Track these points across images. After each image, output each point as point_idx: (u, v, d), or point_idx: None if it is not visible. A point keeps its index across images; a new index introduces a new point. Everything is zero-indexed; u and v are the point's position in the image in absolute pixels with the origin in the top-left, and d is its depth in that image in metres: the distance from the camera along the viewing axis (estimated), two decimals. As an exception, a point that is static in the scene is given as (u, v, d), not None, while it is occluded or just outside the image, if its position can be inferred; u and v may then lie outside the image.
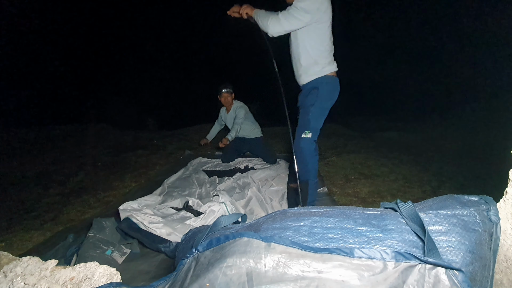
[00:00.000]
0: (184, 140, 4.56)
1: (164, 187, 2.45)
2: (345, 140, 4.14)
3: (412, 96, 7.71)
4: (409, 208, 0.68)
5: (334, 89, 1.88)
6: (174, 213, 1.89)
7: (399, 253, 0.55)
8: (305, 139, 1.83)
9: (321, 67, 1.81)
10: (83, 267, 0.83)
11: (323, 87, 1.83)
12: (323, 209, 0.78)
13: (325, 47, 1.80)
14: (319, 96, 1.82)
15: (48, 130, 5.15)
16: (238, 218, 0.92)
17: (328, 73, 1.83)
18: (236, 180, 2.58)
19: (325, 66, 1.82)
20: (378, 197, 2.33)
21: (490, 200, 0.65)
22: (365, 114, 6.91)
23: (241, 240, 0.67)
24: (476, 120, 4.93)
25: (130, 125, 6.16)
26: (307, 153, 1.85)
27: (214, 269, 0.61)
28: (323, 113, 1.87)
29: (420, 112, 6.48)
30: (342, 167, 3.01)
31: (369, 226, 0.66)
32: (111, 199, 2.55)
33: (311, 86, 1.86)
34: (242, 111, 3.20)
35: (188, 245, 0.92)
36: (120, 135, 5.15)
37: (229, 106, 3.29)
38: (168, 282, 0.70)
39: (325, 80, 1.83)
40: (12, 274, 0.82)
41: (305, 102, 1.87)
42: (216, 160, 3.29)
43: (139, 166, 3.39)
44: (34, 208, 2.53)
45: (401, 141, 4.19)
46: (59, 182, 3.09)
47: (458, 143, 3.98)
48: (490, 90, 5.67)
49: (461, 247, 0.57)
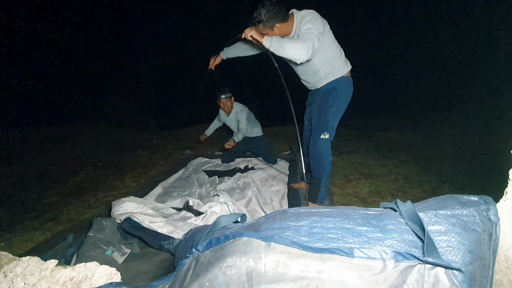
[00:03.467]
0: (184, 140, 4.56)
1: (160, 187, 2.46)
2: (345, 140, 4.15)
3: (412, 96, 7.71)
4: (409, 208, 0.68)
5: (351, 88, 1.94)
6: (174, 213, 1.89)
7: (398, 253, 0.56)
8: (323, 140, 1.88)
9: (338, 68, 1.86)
10: (83, 267, 0.83)
11: (341, 88, 1.88)
12: (323, 209, 0.78)
13: (335, 50, 1.85)
14: (338, 96, 1.87)
15: (48, 130, 5.16)
16: (238, 218, 0.92)
17: (344, 73, 1.89)
18: (236, 180, 2.58)
19: (342, 67, 1.87)
20: (378, 197, 2.33)
21: (490, 200, 0.65)
22: (365, 114, 6.91)
23: (241, 239, 0.67)
24: (476, 120, 4.93)
25: (130, 125, 6.16)
26: (324, 153, 1.90)
27: (214, 269, 0.62)
28: (340, 112, 1.93)
29: (420, 112, 6.48)
30: (342, 167, 3.01)
31: (368, 226, 0.66)
32: (111, 199, 2.54)
33: (329, 87, 1.90)
34: (243, 116, 3.10)
35: (188, 245, 0.92)
36: (120, 135, 5.15)
37: (229, 110, 3.17)
38: (168, 282, 0.71)
39: (343, 81, 1.88)
40: (12, 274, 0.82)
41: (324, 103, 1.90)
42: (216, 160, 3.29)
43: (139, 166, 3.39)
44: (34, 208, 2.53)
45: (401, 141, 4.19)
46: (59, 182, 3.09)
47: (458, 143, 3.98)
48: (490, 90, 5.67)
49: (461, 247, 0.57)
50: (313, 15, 1.72)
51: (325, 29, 1.74)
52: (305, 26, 1.67)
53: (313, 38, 1.63)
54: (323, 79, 1.91)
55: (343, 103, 1.92)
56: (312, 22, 1.68)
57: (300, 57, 1.62)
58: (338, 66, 1.87)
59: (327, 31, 1.76)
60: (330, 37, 1.80)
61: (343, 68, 1.88)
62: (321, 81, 1.93)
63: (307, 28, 1.66)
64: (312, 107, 2.08)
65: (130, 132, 5.41)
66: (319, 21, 1.71)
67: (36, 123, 5.55)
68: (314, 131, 1.95)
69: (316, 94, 2.00)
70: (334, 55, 1.84)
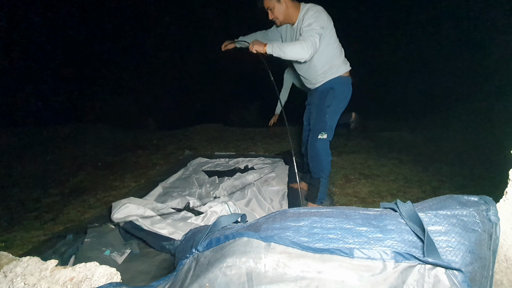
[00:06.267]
0: (184, 140, 4.56)
1: (160, 188, 2.45)
2: (345, 140, 4.15)
3: (412, 96, 7.71)
4: (409, 208, 0.68)
5: (349, 88, 1.94)
6: (174, 213, 1.89)
7: (398, 254, 0.56)
8: (321, 140, 1.89)
9: (336, 68, 1.87)
10: (83, 267, 0.83)
11: (339, 88, 1.89)
12: (323, 209, 0.78)
13: (336, 49, 1.85)
14: (335, 96, 1.88)
15: (48, 130, 5.16)
16: (238, 218, 0.92)
17: (343, 73, 1.89)
18: (236, 180, 2.58)
19: (340, 66, 1.88)
20: (378, 197, 2.33)
21: (490, 200, 0.65)
22: (365, 114, 6.90)
23: (241, 240, 0.67)
24: (476, 120, 4.93)
25: (130, 125, 6.16)
26: (323, 153, 1.90)
27: (214, 269, 0.61)
28: (338, 112, 1.93)
29: (420, 112, 6.48)
30: (342, 167, 3.01)
31: (368, 226, 0.66)
32: (111, 199, 2.54)
33: (327, 86, 1.91)
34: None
35: (188, 245, 0.92)
36: (120, 135, 5.15)
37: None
38: (168, 282, 0.70)
39: (341, 80, 1.89)
40: (12, 274, 0.82)
41: (321, 103, 1.91)
42: (216, 160, 3.29)
43: (139, 166, 3.39)
44: (34, 208, 2.53)
45: (401, 141, 4.19)
46: (59, 182, 3.09)
47: (458, 143, 3.98)
48: (490, 90, 5.67)
49: (461, 247, 0.57)
50: (317, 9, 1.73)
51: (328, 25, 1.75)
52: (307, 21, 1.69)
53: (314, 34, 1.64)
54: (321, 77, 1.91)
55: (341, 103, 1.92)
56: (315, 17, 1.69)
57: (302, 56, 1.67)
58: (336, 65, 1.87)
59: (329, 28, 1.77)
60: (332, 34, 1.81)
61: (342, 67, 1.88)
62: (319, 79, 1.93)
63: (309, 23, 1.68)
64: (310, 107, 2.09)
65: (130, 132, 5.41)
66: (322, 16, 1.72)
67: (36, 123, 5.55)
68: (312, 131, 1.96)
69: (315, 94, 2.01)
70: (333, 54, 1.84)
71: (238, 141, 4.22)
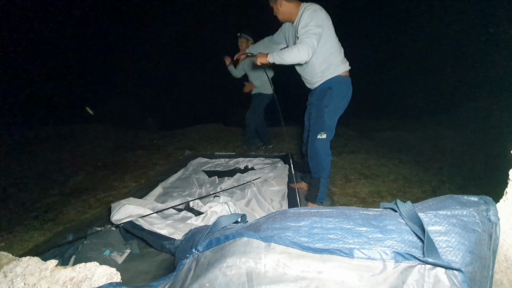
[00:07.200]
0: (184, 140, 4.56)
1: (160, 188, 2.45)
2: (345, 140, 4.14)
3: (412, 96, 7.70)
4: (409, 208, 0.68)
5: (348, 88, 1.93)
6: (175, 213, 1.89)
7: (398, 254, 0.56)
8: (321, 140, 1.89)
9: (335, 67, 1.87)
10: (83, 267, 0.83)
11: (337, 87, 1.88)
12: (323, 210, 0.78)
13: (334, 48, 1.85)
14: (333, 96, 1.87)
15: (48, 130, 5.16)
16: (238, 218, 0.92)
17: (341, 73, 1.89)
18: (236, 180, 2.58)
19: (339, 66, 1.88)
20: (378, 197, 2.33)
21: (490, 200, 0.65)
22: (365, 114, 6.91)
23: (241, 240, 0.67)
24: (476, 120, 4.93)
25: (130, 125, 6.16)
26: (322, 153, 1.90)
27: (214, 269, 0.62)
28: (337, 112, 1.92)
29: (420, 112, 6.48)
30: (342, 167, 3.01)
31: (368, 226, 0.66)
32: (111, 199, 2.54)
33: (325, 86, 1.91)
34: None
35: (188, 245, 0.92)
36: (120, 135, 5.15)
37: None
38: (168, 282, 0.70)
39: (339, 80, 1.89)
40: (12, 274, 0.82)
41: (320, 103, 1.91)
42: (216, 160, 3.29)
43: (139, 166, 3.39)
44: (34, 208, 2.53)
45: (401, 141, 4.19)
46: (59, 182, 3.09)
47: (458, 143, 3.98)
48: (490, 90, 5.67)
49: (461, 247, 0.57)
50: (314, 8, 1.74)
51: (325, 24, 1.75)
52: (304, 21, 1.70)
53: (310, 36, 1.66)
54: (319, 76, 1.91)
55: (340, 103, 1.91)
56: (311, 16, 1.70)
57: (301, 59, 1.70)
58: (335, 64, 1.86)
59: (327, 26, 1.77)
60: (330, 33, 1.81)
61: (340, 67, 1.88)
62: (317, 79, 1.93)
63: (305, 23, 1.69)
64: (310, 107, 2.09)
65: (130, 132, 5.41)
66: (319, 14, 1.72)
67: (36, 123, 5.55)
68: (311, 131, 1.96)
69: (314, 94, 2.01)
70: (331, 52, 1.84)
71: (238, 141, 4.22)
